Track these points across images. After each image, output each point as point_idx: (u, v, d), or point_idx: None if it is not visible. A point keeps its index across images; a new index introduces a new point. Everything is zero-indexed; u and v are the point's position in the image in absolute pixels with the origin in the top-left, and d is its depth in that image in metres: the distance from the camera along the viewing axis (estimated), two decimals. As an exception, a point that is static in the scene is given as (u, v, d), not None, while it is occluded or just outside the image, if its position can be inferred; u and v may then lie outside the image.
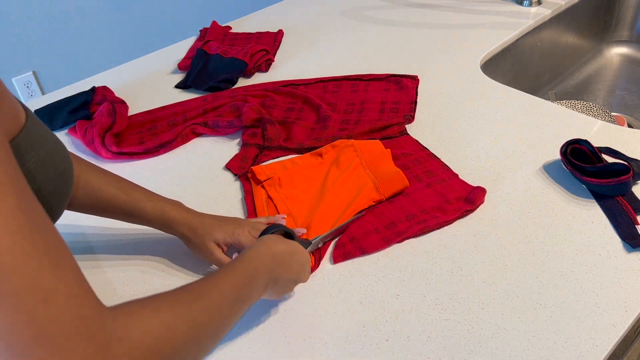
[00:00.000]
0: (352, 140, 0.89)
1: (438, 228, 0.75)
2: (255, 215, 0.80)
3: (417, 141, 0.91)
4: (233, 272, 0.56)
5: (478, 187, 0.80)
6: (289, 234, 0.69)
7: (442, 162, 0.86)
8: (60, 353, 0.35)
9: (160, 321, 0.44)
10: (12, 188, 0.36)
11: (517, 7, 1.34)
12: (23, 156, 0.46)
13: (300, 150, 0.93)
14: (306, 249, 0.67)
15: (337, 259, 0.72)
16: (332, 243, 0.75)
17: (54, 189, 0.51)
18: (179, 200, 0.74)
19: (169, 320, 0.44)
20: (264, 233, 0.68)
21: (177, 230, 0.72)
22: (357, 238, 0.74)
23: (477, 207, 0.78)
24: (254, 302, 0.58)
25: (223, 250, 0.71)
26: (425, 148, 0.90)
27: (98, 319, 0.38)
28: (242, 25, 1.39)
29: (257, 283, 0.57)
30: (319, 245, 0.73)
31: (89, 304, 0.38)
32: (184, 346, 0.45)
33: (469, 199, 0.78)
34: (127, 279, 0.73)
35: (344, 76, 1.12)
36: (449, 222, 0.76)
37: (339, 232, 0.76)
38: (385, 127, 0.94)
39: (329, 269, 0.72)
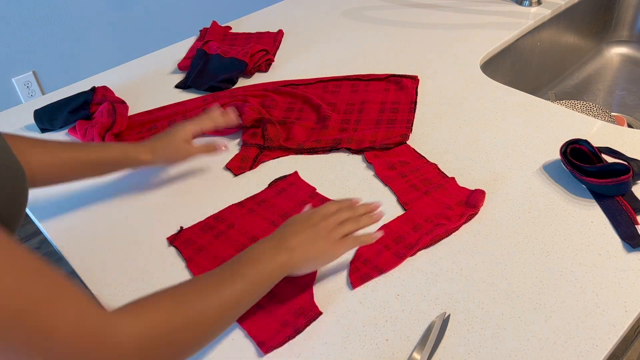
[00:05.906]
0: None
1: (447, 236, 0.74)
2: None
3: (413, 149, 0.90)
4: (231, 262, 0.60)
5: (477, 190, 0.80)
6: None
7: (438, 168, 0.86)
8: None
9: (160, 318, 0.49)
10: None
11: (517, 7, 1.34)
12: None
13: (299, 151, 0.93)
14: None
15: (355, 283, 0.69)
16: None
17: (7, 209, 0.49)
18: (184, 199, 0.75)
19: (169, 317, 0.50)
20: None
21: (142, 159, 0.78)
22: (369, 259, 0.72)
23: (479, 210, 0.78)
24: (272, 283, 0.61)
25: None
26: (422, 156, 0.89)
27: (100, 330, 0.44)
28: (242, 25, 1.39)
29: (261, 261, 0.60)
30: None
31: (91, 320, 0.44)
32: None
33: (470, 202, 0.78)
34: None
35: (344, 76, 1.12)
36: (457, 228, 0.75)
37: None
38: (383, 147, 0.91)
39: (328, 268, 0.72)
